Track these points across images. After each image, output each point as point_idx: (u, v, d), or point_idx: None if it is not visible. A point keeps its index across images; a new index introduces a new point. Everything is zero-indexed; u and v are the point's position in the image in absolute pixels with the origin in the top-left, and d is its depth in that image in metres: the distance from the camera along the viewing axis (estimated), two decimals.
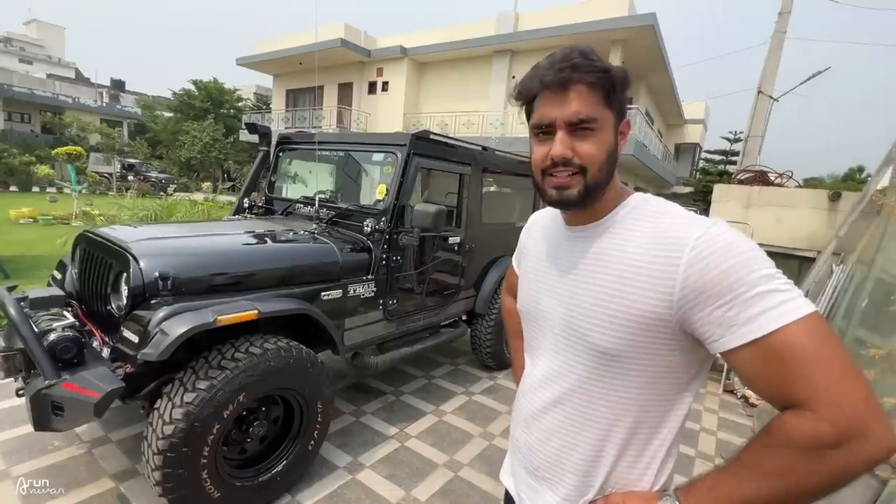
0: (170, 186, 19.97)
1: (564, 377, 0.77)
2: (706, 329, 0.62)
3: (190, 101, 27.61)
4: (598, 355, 0.72)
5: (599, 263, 0.73)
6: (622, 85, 0.70)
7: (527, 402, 0.85)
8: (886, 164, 3.38)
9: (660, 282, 0.65)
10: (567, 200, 0.72)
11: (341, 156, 3.09)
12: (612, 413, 0.73)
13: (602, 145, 0.70)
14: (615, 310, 0.69)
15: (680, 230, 0.65)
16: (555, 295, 0.80)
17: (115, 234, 2.02)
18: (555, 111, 0.69)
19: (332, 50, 16.01)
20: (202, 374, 1.70)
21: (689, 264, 0.62)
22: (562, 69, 0.68)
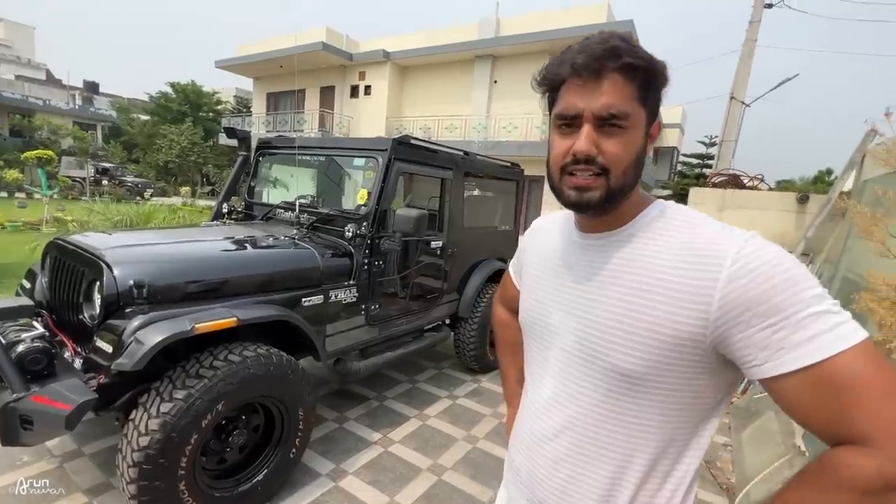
0: (146, 191, 19.49)
1: (576, 400, 0.69)
2: (747, 352, 0.55)
3: (167, 103, 27.05)
4: (617, 377, 0.64)
5: (620, 275, 0.66)
6: (661, 80, 0.63)
7: (530, 427, 0.77)
8: (849, 167, 3.53)
9: (694, 297, 0.58)
10: (587, 203, 0.64)
11: (322, 161, 3.07)
12: (632, 440, 0.65)
13: (630, 146, 0.62)
14: (638, 327, 0.62)
15: (716, 241, 0.59)
16: (566, 308, 0.72)
17: (87, 242, 1.97)
18: (583, 101, 0.61)
19: (314, 53, 15.91)
20: (179, 383, 1.66)
21: (731, 279, 0.55)
22: (598, 54, 0.60)
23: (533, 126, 13.58)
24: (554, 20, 12.86)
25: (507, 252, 4.15)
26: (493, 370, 3.81)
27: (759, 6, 8.11)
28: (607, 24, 11.97)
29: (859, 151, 3.34)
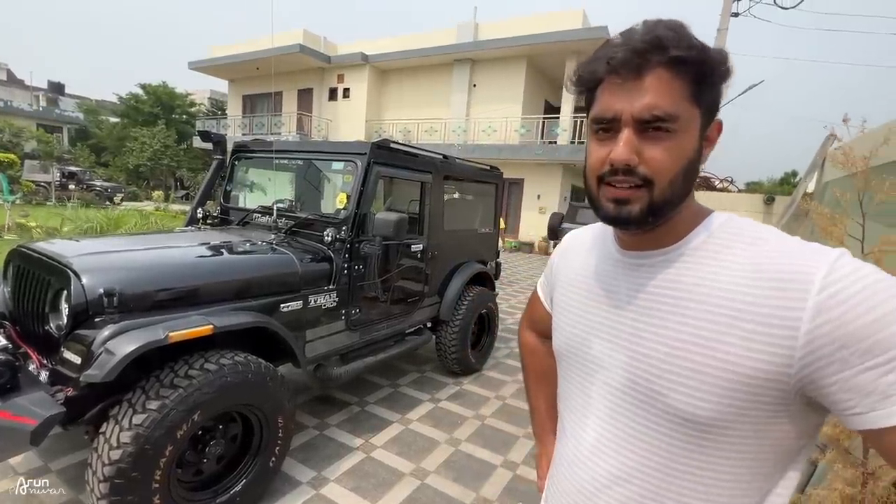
0: (117, 195, 18.83)
1: (629, 446, 0.59)
2: (846, 397, 0.46)
3: (138, 105, 26.26)
4: (678, 422, 0.54)
5: (679, 301, 0.56)
6: (720, 74, 0.53)
7: (573, 474, 0.66)
8: (812, 170, 3.69)
9: (774, 331, 0.48)
10: (626, 218, 0.56)
11: (300, 164, 3.04)
12: (701, 493, 0.55)
13: (679, 153, 0.53)
14: (704, 364, 0.52)
15: (797, 262, 0.49)
16: (611, 337, 0.62)
17: (53, 249, 1.90)
18: (622, 102, 0.53)
19: (291, 55, 15.74)
20: (153, 393, 1.62)
21: (821, 309, 0.46)
22: (639, 47, 0.51)
23: (512, 129, 13.73)
24: (531, 26, 13.06)
25: (487, 255, 4.18)
26: (474, 372, 3.83)
27: (727, 15, 8.42)
28: (583, 31, 12.21)
29: (820, 155, 3.50)
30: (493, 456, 2.63)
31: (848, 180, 1.98)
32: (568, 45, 12.41)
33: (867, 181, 1.42)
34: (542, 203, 13.71)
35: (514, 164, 13.06)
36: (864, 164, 1.50)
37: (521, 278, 8.96)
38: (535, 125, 13.52)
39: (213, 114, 25.91)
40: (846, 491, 1.29)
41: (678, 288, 0.56)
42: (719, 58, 0.52)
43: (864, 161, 1.45)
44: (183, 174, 23.65)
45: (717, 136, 0.58)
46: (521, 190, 13.99)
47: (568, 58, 12.94)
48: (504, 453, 2.67)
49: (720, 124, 0.57)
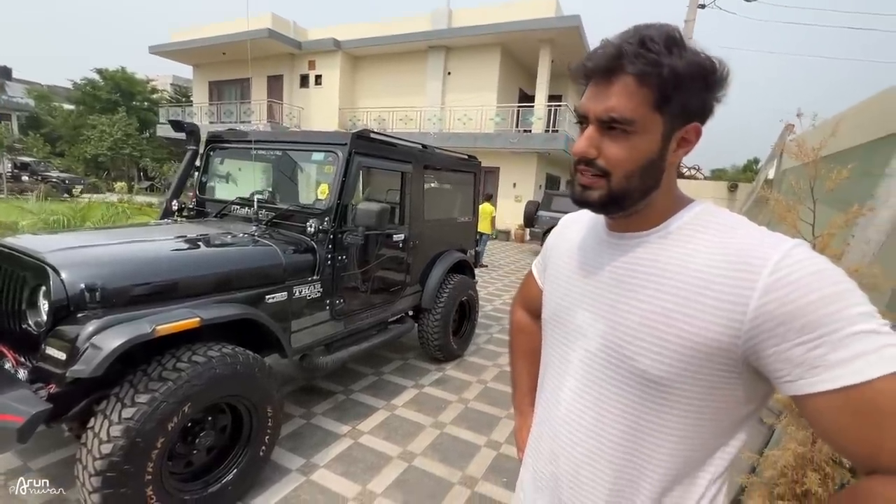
0: (76, 187, 17.92)
1: (600, 404, 0.67)
2: (780, 367, 0.53)
3: (95, 92, 24.89)
4: (644, 383, 0.62)
5: (651, 277, 0.63)
6: (689, 83, 0.57)
7: (551, 429, 0.75)
8: (771, 159, 3.91)
9: (727, 306, 0.55)
10: (587, 201, 0.65)
11: (279, 155, 3.01)
12: (654, 447, 0.63)
13: (635, 152, 0.60)
14: (669, 332, 0.59)
15: (755, 248, 0.55)
16: (592, 308, 0.69)
17: (26, 245, 1.84)
18: (591, 102, 0.61)
19: (260, 41, 15.23)
20: (142, 387, 1.62)
21: (768, 290, 0.52)
22: (608, 56, 0.58)
23: (487, 118, 13.76)
24: (505, 13, 13.05)
25: (466, 243, 4.25)
26: (456, 358, 3.92)
27: (694, 6, 8.66)
28: (556, 19, 12.29)
29: (778, 145, 3.71)
30: (477, 437, 2.74)
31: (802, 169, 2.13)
32: (541, 33, 12.49)
33: (818, 170, 1.55)
34: (517, 191, 13.87)
35: (490, 152, 13.12)
36: (814, 155, 1.63)
37: (499, 265, 9.10)
38: (509, 114, 13.60)
39: (178, 101, 24.82)
40: (798, 450, 1.44)
41: (654, 266, 0.63)
42: (689, 69, 0.56)
43: (815, 152, 1.58)
44: (147, 164, 22.65)
45: (694, 138, 0.63)
46: (496, 178, 14.09)
47: (541, 46, 13.02)
48: (487, 434, 2.78)
49: (697, 128, 0.62)
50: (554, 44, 12.94)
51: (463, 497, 2.19)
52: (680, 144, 0.63)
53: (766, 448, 1.66)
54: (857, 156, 1.91)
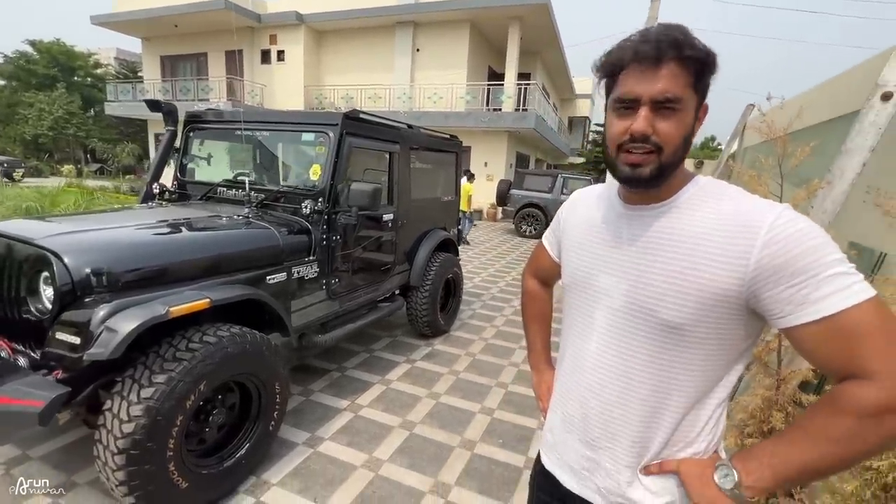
0: (16, 171, 16.64)
1: (625, 352, 0.79)
2: (774, 306, 0.65)
3: (29, 66, 22.88)
4: (665, 329, 0.73)
5: (668, 241, 0.74)
6: (711, 69, 0.70)
7: (579, 378, 0.86)
8: (734, 136, 4.18)
9: (733, 260, 0.67)
10: (639, 178, 0.72)
11: (265, 136, 2.97)
12: (674, 382, 0.75)
13: (681, 127, 0.70)
14: (687, 286, 0.71)
15: (754, 212, 0.68)
16: (615, 271, 0.80)
17: (22, 230, 1.80)
18: (642, 86, 0.68)
19: (215, 12, 14.37)
20: (157, 367, 1.65)
21: (765, 245, 0.65)
22: (660, 43, 0.67)
23: (457, 96, 13.69)
24: None
25: (449, 222, 4.35)
26: (444, 333, 4.06)
27: None
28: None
29: (741, 123, 3.97)
30: (471, 405, 2.90)
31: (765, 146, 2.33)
32: (510, 10, 12.43)
33: (785, 149, 1.73)
34: (489, 170, 13.98)
35: (461, 131, 13.05)
36: (783, 133, 1.81)
37: (475, 244, 9.26)
38: (480, 92, 13.57)
39: (125, 76, 23.17)
40: (766, 394, 1.65)
41: (671, 232, 0.74)
42: (713, 58, 0.69)
43: (784, 131, 1.76)
44: (96, 145, 21.20)
45: (704, 116, 0.74)
46: (468, 158, 14.13)
47: (510, 23, 12.98)
48: (480, 401, 2.95)
49: (706, 107, 0.74)
50: (523, 21, 12.92)
51: (464, 458, 2.35)
52: (699, 120, 0.74)
53: (737, 395, 1.88)
54: (818, 133, 2.11)
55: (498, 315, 4.78)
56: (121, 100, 18.25)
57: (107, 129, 22.67)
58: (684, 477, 0.76)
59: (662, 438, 0.78)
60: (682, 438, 0.77)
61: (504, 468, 2.30)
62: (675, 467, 0.77)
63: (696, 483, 0.74)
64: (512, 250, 8.99)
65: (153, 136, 18.57)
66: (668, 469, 0.78)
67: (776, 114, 1.96)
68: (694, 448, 0.78)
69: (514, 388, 3.16)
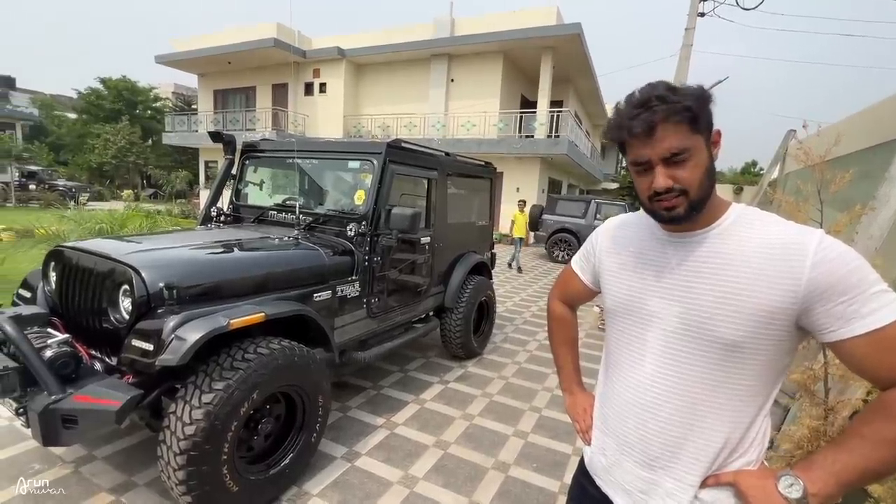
0: (82, 195, 18.09)
1: (681, 371, 0.82)
2: (825, 321, 0.71)
3: (99, 101, 25.17)
4: (722, 347, 0.78)
5: (717, 265, 0.80)
6: (703, 106, 0.76)
7: (635, 399, 0.89)
8: (775, 162, 4.10)
9: (785, 280, 0.73)
10: (676, 218, 0.80)
11: (313, 163, 3.19)
12: (731, 397, 0.79)
13: (698, 167, 0.77)
14: (740, 304, 0.76)
15: (797, 237, 0.74)
16: (664, 295, 0.85)
17: (105, 248, 2.02)
18: (647, 150, 0.78)
19: (265, 50, 15.48)
20: (216, 375, 1.79)
21: (814, 266, 0.71)
22: (645, 119, 0.75)
23: (490, 124, 13.99)
24: (506, 22, 13.29)
25: (483, 246, 4.43)
26: (476, 356, 4.09)
27: (694, 15, 8.89)
28: (557, 27, 12.55)
29: (782, 148, 3.91)
30: (505, 427, 2.90)
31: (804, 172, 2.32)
32: (543, 40, 12.74)
33: (823, 175, 1.73)
34: (521, 196, 14.05)
35: (493, 157, 13.31)
36: (820, 160, 1.82)
37: (505, 269, 9.27)
38: (512, 119, 13.83)
39: (181, 109, 25.08)
40: (813, 424, 1.61)
41: (718, 255, 0.81)
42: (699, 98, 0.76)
43: (821, 158, 1.76)
44: (152, 172, 22.84)
45: (719, 139, 0.82)
46: (500, 183, 14.29)
47: (543, 53, 13.27)
48: (514, 424, 2.95)
49: (719, 132, 0.81)
50: (555, 51, 13.20)
51: (499, 479, 2.36)
52: (713, 147, 0.82)
53: (784, 425, 1.83)
54: (858, 160, 2.09)
55: (531, 339, 4.76)
56: (177, 130, 19.74)
57: (162, 157, 24.42)
58: (744, 488, 0.78)
59: (722, 452, 0.81)
60: (738, 450, 0.81)
61: (538, 492, 2.29)
62: (732, 479, 0.80)
63: (759, 494, 0.75)
64: (544, 275, 8.94)
65: (203, 163, 19.86)
66: (725, 481, 0.80)
67: (813, 141, 1.97)
68: (746, 458, 0.82)
69: (547, 413, 3.14)
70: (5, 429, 2.47)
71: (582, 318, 5.83)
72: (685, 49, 8.63)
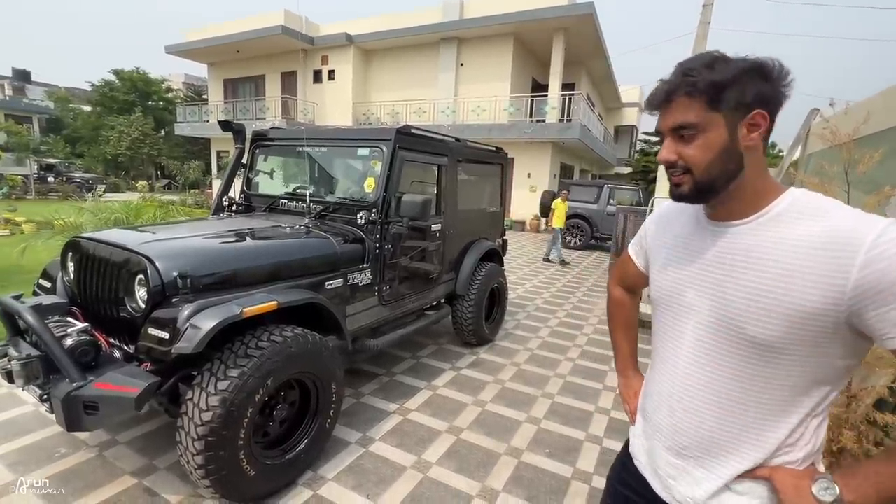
0: (98, 187, 18.42)
1: (713, 365, 0.80)
2: (881, 326, 0.64)
3: (112, 93, 25.43)
4: (752, 346, 0.74)
5: (753, 260, 0.75)
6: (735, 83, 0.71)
7: (670, 389, 0.88)
8: (797, 142, 3.96)
9: (827, 280, 0.66)
10: (681, 196, 0.80)
11: (323, 151, 3.17)
12: (768, 397, 0.75)
13: (707, 147, 0.74)
14: (771, 303, 0.71)
15: (852, 230, 0.66)
16: (699, 287, 0.82)
17: (120, 238, 2.05)
18: (661, 121, 0.79)
19: (273, 37, 15.42)
20: (231, 363, 1.81)
21: (866, 264, 0.63)
22: (669, 85, 0.76)
23: (500, 108, 13.79)
24: (517, 2, 12.98)
25: (495, 232, 4.39)
26: (488, 343, 4.09)
27: None
28: (569, 6, 12.22)
29: (804, 128, 3.76)
30: (518, 413, 2.91)
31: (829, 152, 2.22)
32: (554, 21, 12.44)
33: (851, 155, 1.66)
34: (532, 181, 13.92)
35: (504, 142, 13.11)
36: (848, 138, 1.74)
37: (516, 255, 9.23)
38: (523, 104, 13.61)
39: (192, 99, 25.22)
40: (834, 411, 1.57)
41: (757, 249, 0.75)
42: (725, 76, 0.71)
43: (849, 137, 1.69)
44: (166, 163, 23.12)
45: (762, 122, 0.74)
46: (511, 169, 14.14)
47: (555, 34, 12.98)
48: (526, 411, 2.95)
49: (763, 114, 0.73)
50: (568, 32, 12.89)
51: (511, 465, 2.37)
52: (749, 129, 0.74)
53: None
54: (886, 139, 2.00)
55: (542, 326, 4.75)
56: (188, 120, 19.89)
57: (175, 148, 24.66)
58: (778, 485, 0.75)
59: (758, 449, 0.78)
60: (777, 449, 0.77)
61: (552, 478, 2.29)
62: (768, 474, 0.77)
63: (791, 492, 0.73)
64: (556, 262, 8.88)
65: (215, 153, 20.01)
66: (761, 476, 0.78)
67: (841, 119, 1.89)
68: (788, 458, 0.77)
69: (560, 399, 3.14)
70: (31, 414, 2.56)
71: (594, 305, 5.78)
72: (702, 27, 8.36)
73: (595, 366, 3.78)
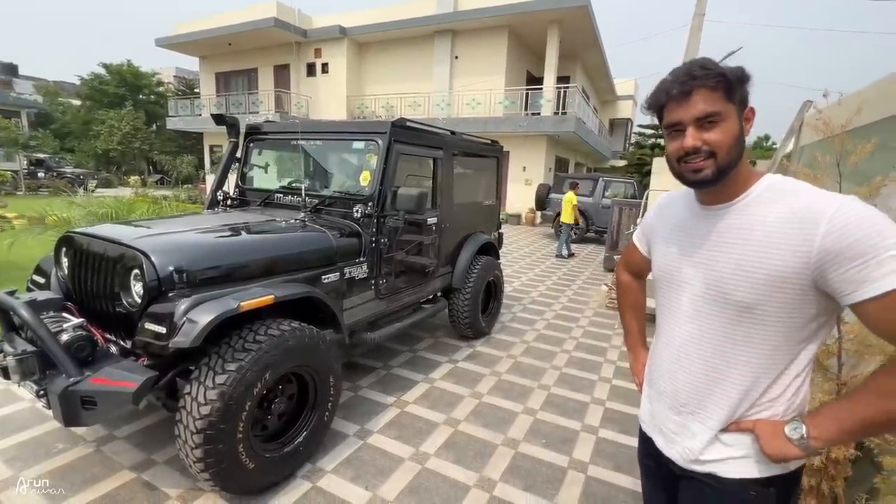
0: (90, 182, 18.19)
1: (706, 329, 0.92)
2: (840, 285, 0.74)
3: (102, 87, 25.04)
4: (738, 309, 0.86)
5: (739, 237, 0.86)
6: (739, 81, 0.83)
7: (671, 355, 1.00)
8: (790, 134, 3.98)
9: (797, 247, 0.77)
10: (702, 180, 0.87)
11: (318, 145, 3.16)
12: (751, 354, 0.87)
13: (727, 133, 0.83)
14: (754, 271, 0.82)
15: (816, 204, 0.78)
16: (694, 263, 0.94)
17: (115, 233, 2.03)
18: (681, 113, 0.85)
19: (265, 30, 15.23)
20: (229, 357, 1.81)
21: (827, 233, 0.74)
22: (684, 81, 0.83)
23: (495, 101, 13.73)
24: None
25: (491, 226, 4.40)
26: (484, 336, 4.11)
27: None
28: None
29: (797, 120, 3.78)
30: (514, 405, 2.94)
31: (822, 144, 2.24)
32: (548, 13, 12.38)
33: (843, 146, 1.68)
34: (527, 175, 13.92)
35: (499, 136, 13.08)
36: (841, 130, 1.75)
37: (512, 249, 9.25)
38: (518, 97, 13.56)
39: (183, 93, 24.88)
40: (825, 399, 1.60)
41: (741, 227, 0.87)
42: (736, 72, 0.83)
43: (842, 128, 1.70)
44: (159, 158, 22.85)
45: (752, 117, 0.88)
46: (506, 162, 14.12)
47: (549, 27, 12.92)
48: (523, 402, 2.98)
49: (753, 109, 0.88)
50: (562, 24, 12.83)
51: (508, 455, 2.40)
52: (745, 122, 0.88)
53: None
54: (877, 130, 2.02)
55: (538, 319, 4.78)
56: (180, 114, 19.64)
57: (167, 143, 24.37)
58: (758, 432, 0.88)
59: (743, 402, 0.90)
60: (761, 403, 0.89)
61: (548, 468, 2.32)
62: (751, 426, 0.89)
63: (768, 436, 0.86)
64: (551, 255, 8.91)
65: (208, 147, 19.82)
66: (745, 427, 0.90)
67: (834, 111, 1.90)
68: (771, 412, 0.89)
69: (556, 391, 3.17)
70: (28, 410, 2.55)
71: (589, 297, 5.82)
72: (697, 19, 8.35)
73: (591, 357, 3.81)
